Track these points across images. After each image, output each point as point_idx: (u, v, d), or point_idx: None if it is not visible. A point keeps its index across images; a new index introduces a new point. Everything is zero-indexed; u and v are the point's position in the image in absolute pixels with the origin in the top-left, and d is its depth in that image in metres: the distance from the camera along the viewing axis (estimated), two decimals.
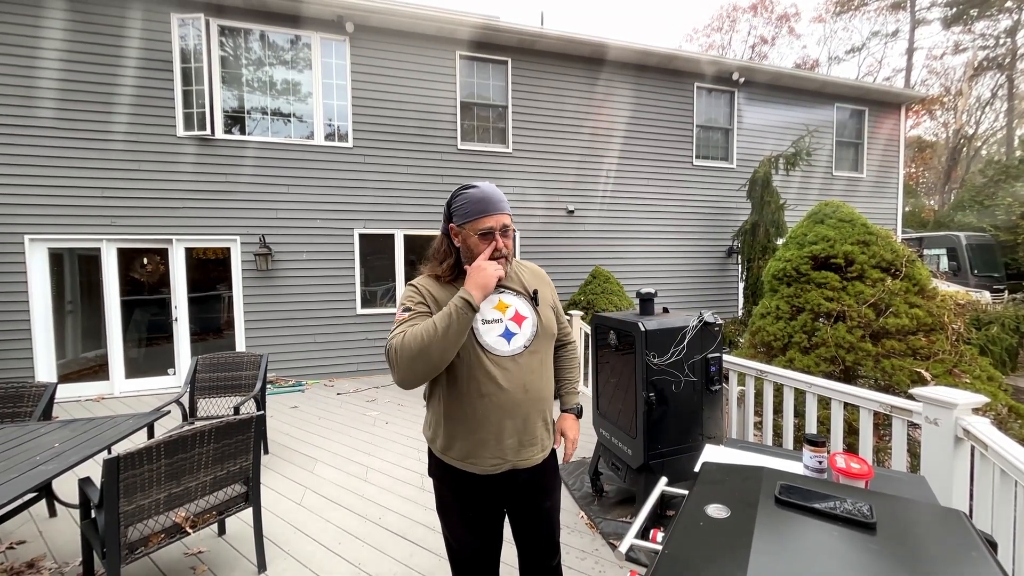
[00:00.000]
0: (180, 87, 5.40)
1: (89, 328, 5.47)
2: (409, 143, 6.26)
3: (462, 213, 1.22)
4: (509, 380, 1.20)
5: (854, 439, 2.27)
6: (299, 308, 5.89)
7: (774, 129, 8.24)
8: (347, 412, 4.57)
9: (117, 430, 2.20)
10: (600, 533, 2.39)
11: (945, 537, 0.78)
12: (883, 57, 25.67)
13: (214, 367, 3.45)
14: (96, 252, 5.30)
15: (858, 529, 0.79)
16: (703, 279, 7.96)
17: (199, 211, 5.53)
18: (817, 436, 1.11)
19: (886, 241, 3.06)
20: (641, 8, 41.16)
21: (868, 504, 0.84)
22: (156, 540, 1.77)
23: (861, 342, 2.74)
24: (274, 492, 2.88)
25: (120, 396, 5.28)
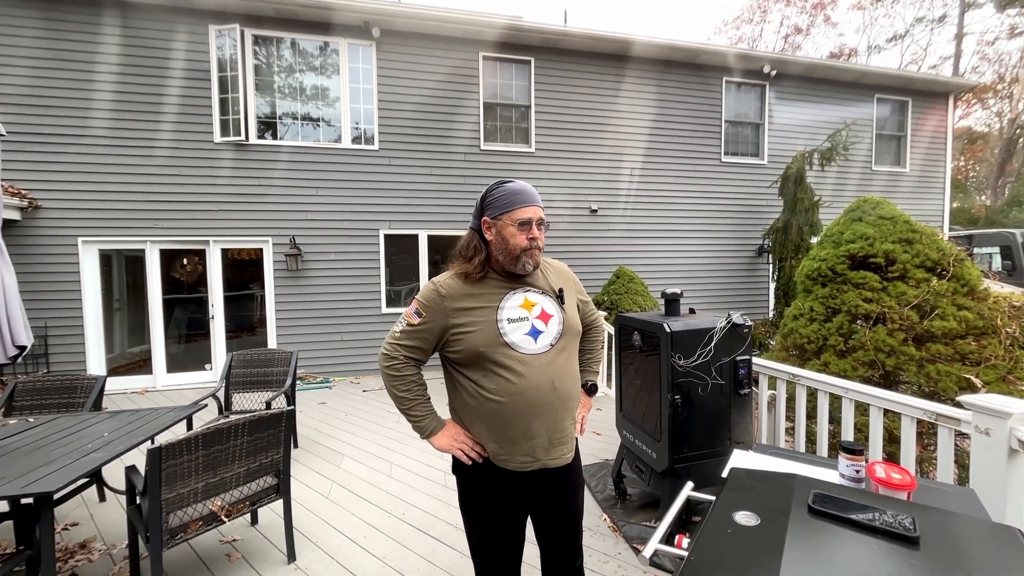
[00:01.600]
0: (217, 95, 5.65)
1: (134, 325, 5.82)
2: (433, 144, 6.34)
3: (499, 205, 1.24)
4: (537, 378, 1.20)
5: (895, 448, 2.15)
6: (327, 307, 6.07)
7: (808, 123, 7.91)
8: (372, 409, 4.67)
9: (159, 421, 2.32)
10: (623, 537, 2.36)
11: (997, 555, 0.73)
12: (928, 44, 24.17)
13: (247, 363, 3.60)
14: (141, 253, 5.63)
15: (899, 543, 0.75)
16: (732, 279, 7.72)
17: (234, 213, 5.78)
18: (854, 444, 1.06)
19: (931, 239, 2.88)
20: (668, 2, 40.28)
21: (911, 517, 0.80)
22: (194, 527, 1.86)
23: (903, 346, 2.59)
24: (303, 485, 2.98)
25: (162, 389, 5.58)
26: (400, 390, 1.27)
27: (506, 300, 1.24)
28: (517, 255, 1.23)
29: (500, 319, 1.21)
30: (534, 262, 1.27)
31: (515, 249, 1.23)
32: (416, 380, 1.29)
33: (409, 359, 1.27)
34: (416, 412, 1.27)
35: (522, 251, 1.23)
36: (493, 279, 1.28)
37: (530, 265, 1.26)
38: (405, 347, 1.26)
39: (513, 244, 1.22)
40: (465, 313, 1.22)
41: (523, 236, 1.22)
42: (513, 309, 1.24)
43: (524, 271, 1.26)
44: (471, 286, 1.26)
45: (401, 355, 1.26)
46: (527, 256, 1.24)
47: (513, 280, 1.28)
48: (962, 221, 14.73)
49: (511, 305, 1.24)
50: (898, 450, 1.91)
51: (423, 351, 1.27)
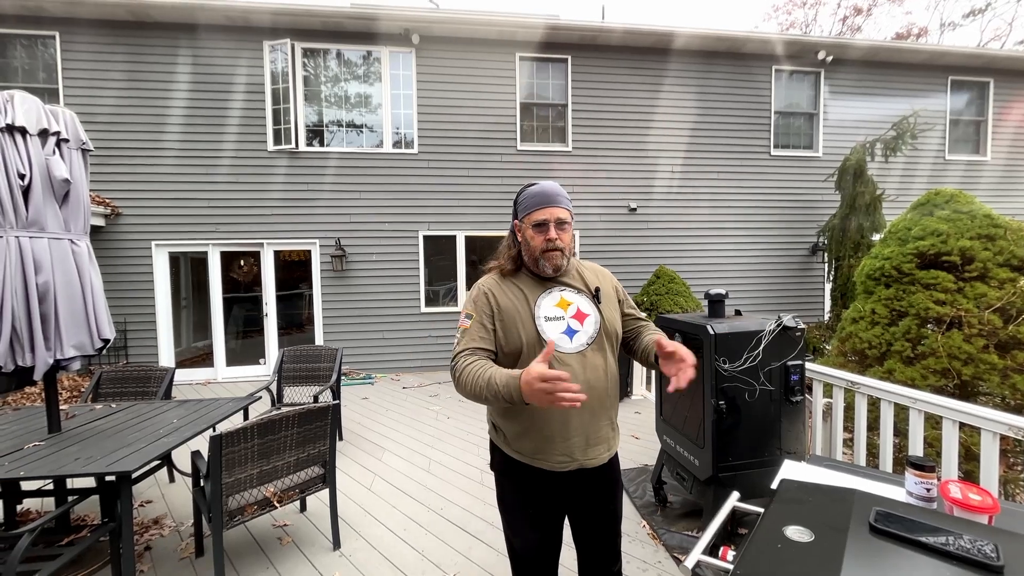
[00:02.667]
0: (270, 106, 6.03)
1: (198, 321, 6.33)
2: (470, 147, 6.44)
3: (522, 208, 1.28)
4: (574, 377, 1.17)
5: (973, 466, 1.95)
6: (369, 306, 6.32)
7: (869, 112, 7.32)
8: (412, 405, 4.81)
9: (220, 411, 2.51)
10: (663, 545, 2.29)
11: None
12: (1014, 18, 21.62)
13: (297, 358, 3.81)
14: (204, 255, 6.10)
15: (978, 571, 0.68)
16: (783, 279, 7.28)
17: (286, 217, 6.14)
18: (924, 459, 0.97)
19: (1018, 235, 2.58)
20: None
21: (992, 543, 0.72)
22: (250, 511, 1.99)
23: (983, 353, 2.34)
24: (347, 476, 3.11)
25: (222, 381, 6.02)
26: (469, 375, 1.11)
27: (542, 299, 1.25)
28: (536, 257, 1.25)
29: (537, 316, 1.22)
30: (553, 265, 1.24)
31: (534, 251, 1.24)
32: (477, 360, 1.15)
33: (472, 354, 1.18)
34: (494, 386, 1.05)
35: (541, 252, 1.23)
36: (527, 276, 1.30)
37: (548, 268, 1.25)
38: (467, 350, 1.19)
39: (532, 246, 1.24)
40: (505, 308, 1.24)
41: (540, 238, 1.23)
42: (549, 308, 1.24)
43: (544, 273, 1.26)
44: (507, 283, 1.29)
45: (461, 356, 1.18)
46: (544, 258, 1.24)
47: (547, 279, 1.28)
48: None
49: (547, 304, 1.24)
50: (977, 468, 1.73)
51: (485, 350, 1.20)
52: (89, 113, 5.63)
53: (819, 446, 2.49)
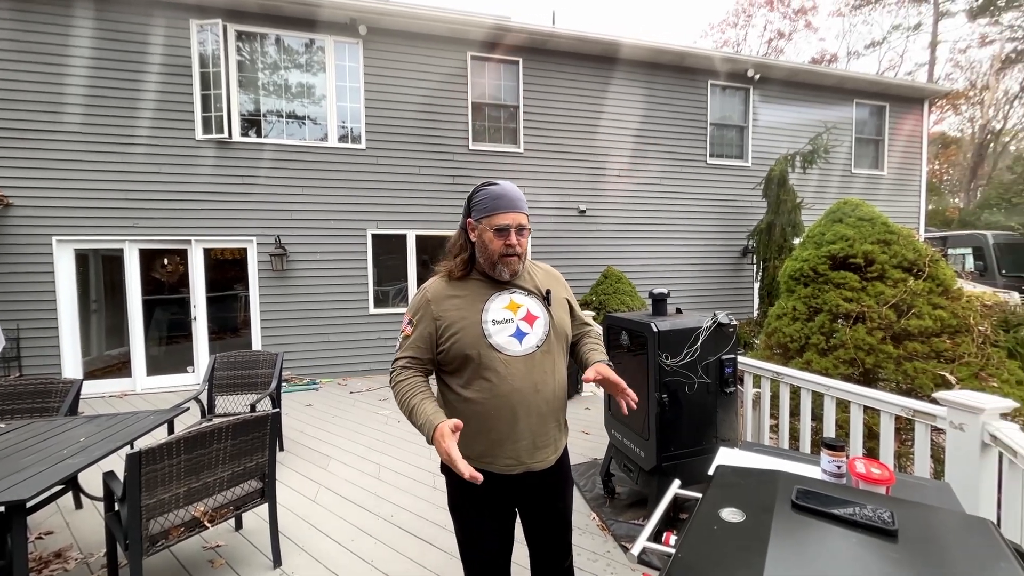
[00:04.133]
0: (199, 91, 5.53)
1: (113, 326, 5.66)
2: (421, 144, 6.30)
3: (481, 208, 1.24)
4: (521, 380, 1.20)
5: (874, 444, 2.21)
6: (313, 307, 5.99)
7: (790, 126, 8.08)
8: (360, 411, 4.62)
9: (139, 426, 2.26)
10: (612, 535, 2.38)
11: (971, 546, 0.76)
12: (905, 51, 24.93)
13: (231, 365, 3.53)
14: (119, 253, 5.47)
15: (879, 536, 0.77)
16: (717, 279, 7.84)
17: (217, 212, 5.66)
18: (836, 440, 1.09)
19: (908, 240, 2.97)
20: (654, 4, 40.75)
21: (889, 511, 0.82)
22: (176, 533, 1.82)
23: (882, 344, 2.67)
24: (289, 489, 2.93)
25: (142, 392, 5.43)
26: (400, 396, 1.20)
27: (491, 302, 1.24)
28: (494, 261, 1.23)
29: (485, 320, 1.21)
30: (511, 271, 1.25)
31: (492, 255, 1.23)
32: (410, 380, 1.21)
33: (407, 368, 1.24)
34: (414, 416, 1.15)
35: (499, 257, 1.22)
36: (477, 280, 1.28)
37: (506, 273, 1.25)
38: (405, 360, 1.25)
39: (491, 249, 1.22)
40: (450, 314, 1.22)
41: (500, 242, 1.21)
42: (498, 311, 1.24)
43: (500, 278, 1.26)
44: (455, 287, 1.27)
45: (399, 365, 1.25)
46: (503, 263, 1.23)
47: (498, 281, 1.28)
48: (937, 223, 15.22)
49: (496, 307, 1.24)
50: (877, 446, 1.97)
51: (421, 361, 1.24)
52: None
53: (749, 433, 2.71)
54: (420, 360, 1.25)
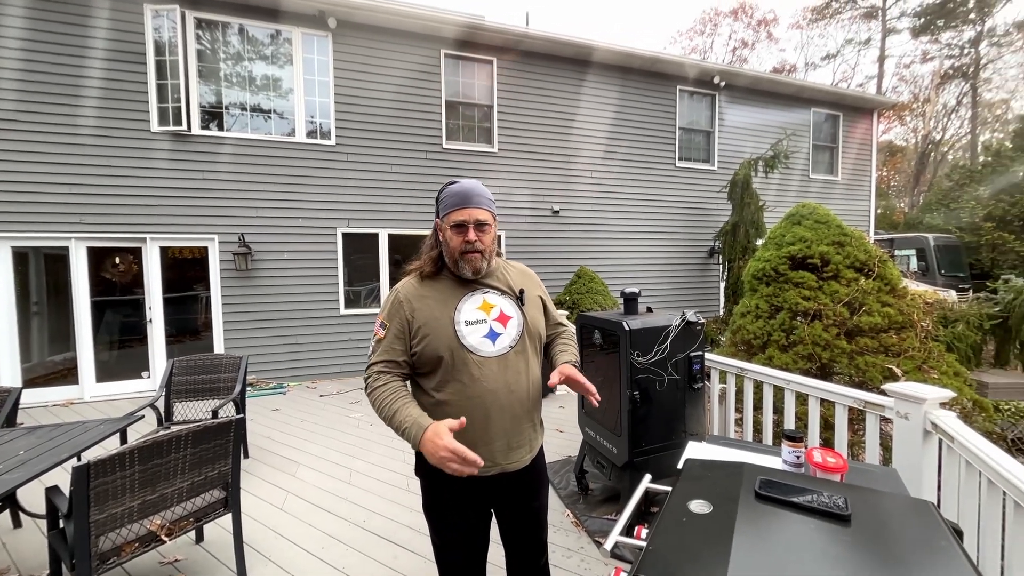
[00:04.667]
0: (154, 80, 5.22)
1: (57, 330, 5.25)
2: (394, 142, 6.19)
3: (443, 206, 1.24)
4: (495, 381, 1.20)
5: (830, 434, 2.34)
6: (280, 308, 5.77)
7: (754, 132, 8.44)
8: (330, 414, 4.49)
9: (87, 436, 2.12)
10: (586, 531, 2.41)
11: (915, 527, 0.82)
12: (856, 64, 26.56)
13: (191, 370, 3.35)
14: (64, 251, 5.09)
15: (834, 521, 0.82)
16: (686, 279, 8.09)
17: (175, 209, 5.36)
18: (795, 431, 1.14)
19: (859, 242, 3.17)
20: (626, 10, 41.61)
21: (843, 497, 0.87)
22: (129, 549, 1.71)
23: (836, 340, 2.83)
24: (255, 497, 2.81)
25: (91, 401, 5.08)
26: (379, 401, 1.17)
27: (463, 302, 1.23)
28: (455, 258, 1.23)
29: (457, 321, 1.20)
30: (472, 268, 1.23)
31: (454, 252, 1.22)
32: (389, 385, 1.19)
33: (384, 373, 1.21)
34: (397, 420, 1.12)
35: (460, 255, 1.21)
36: (449, 279, 1.28)
37: (468, 271, 1.23)
38: (379, 364, 1.22)
39: (452, 247, 1.22)
40: (422, 314, 1.21)
41: (460, 239, 1.21)
42: (471, 311, 1.23)
43: (464, 275, 1.25)
44: (427, 287, 1.25)
45: (374, 371, 1.22)
46: (464, 260, 1.22)
47: (470, 281, 1.27)
48: (885, 225, 16.28)
49: (468, 307, 1.23)
50: (833, 436, 2.08)
51: (397, 363, 1.22)
52: None
53: (716, 427, 2.81)
54: (396, 363, 1.22)
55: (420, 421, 1.10)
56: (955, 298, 7.40)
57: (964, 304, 5.92)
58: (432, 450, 1.04)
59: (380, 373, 1.21)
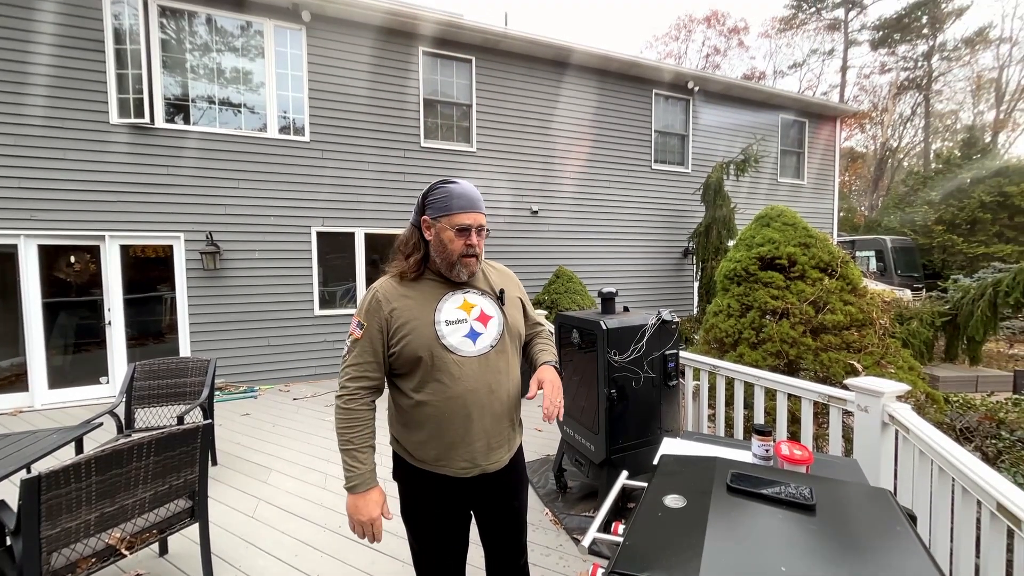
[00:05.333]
0: (114, 70, 4.95)
1: (4, 333, 4.91)
2: (370, 139, 6.08)
3: (440, 207, 1.20)
4: (475, 381, 1.19)
5: (797, 427, 2.44)
6: (251, 309, 5.58)
7: (726, 135, 8.70)
8: (304, 418, 4.37)
9: (38, 446, 1.99)
10: (564, 529, 2.43)
11: (874, 514, 0.86)
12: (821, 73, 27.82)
13: (154, 374, 3.20)
14: (12, 249, 4.77)
15: (800, 511, 0.85)
16: (661, 279, 8.27)
17: (136, 205, 5.10)
18: (764, 426, 1.18)
19: (824, 243, 3.31)
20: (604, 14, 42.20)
21: (809, 487, 0.91)
22: (85, 565, 1.61)
23: (803, 337, 2.95)
24: (223, 505, 2.71)
25: (42, 409, 4.78)
26: (343, 424, 1.18)
27: (443, 302, 1.22)
28: (453, 261, 1.21)
29: (438, 321, 1.19)
30: (469, 271, 1.23)
31: (452, 255, 1.20)
32: (364, 419, 1.19)
33: (360, 389, 1.19)
34: (352, 457, 1.17)
35: (459, 257, 1.20)
36: (430, 280, 1.26)
37: (464, 274, 1.23)
38: (354, 367, 1.19)
39: (450, 249, 1.20)
40: (402, 315, 1.18)
41: (461, 242, 1.19)
42: (451, 311, 1.22)
43: (458, 278, 1.24)
44: (407, 287, 1.23)
45: (351, 386, 1.19)
46: (462, 264, 1.21)
47: (452, 281, 1.26)
48: (847, 228, 17.11)
49: (449, 307, 1.22)
50: (800, 429, 2.17)
51: (373, 365, 1.20)
52: None
53: (690, 423, 2.88)
54: (374, 365, 1.20)
55: (369, 478, 1.18)
56: (910, 297, 7.85)
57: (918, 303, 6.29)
58: (361, 507, 1.16)
59: (357, 390, 1.19)
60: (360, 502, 1.16)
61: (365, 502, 1.16)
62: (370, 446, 1.20)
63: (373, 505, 1.17)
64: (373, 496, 1.17)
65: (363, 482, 1.17)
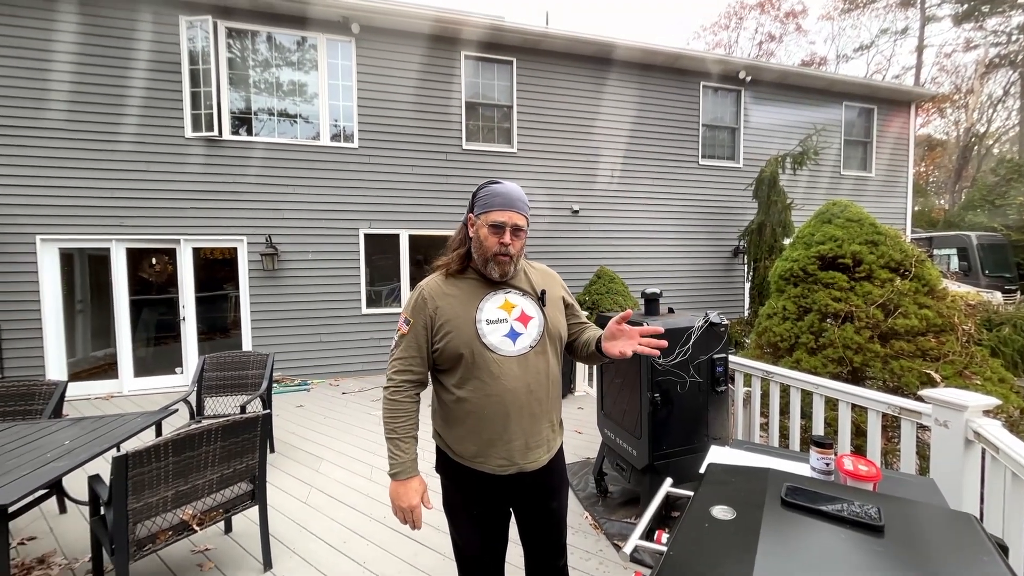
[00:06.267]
0: (188, 88, 5.45)
1: (99, 327, 5.55)
2: (414, 143, 6.28)
3: (482, 204, 1.23)
4: (514, 381, 1.20)
5: (862, 441, 2.25)
6: (304, 307, 5.94)
7: (781, 128, 8.17)
8: (352, 411, 4.59)
9: (126, 428, 2.23)
10: (604, 534, 2.39)
11: (955, 541, 0.77)
12: (892, 55, 25.40)
13: (221, 366, 3.48)
14: (106, 252, 5.37)
15: (866, 532, 0.78)
16: (709, 279, 7.91)
17: (207, 211, 5.59)
18: (824, 438, 1.10)
19: (895, 241, 3.02)
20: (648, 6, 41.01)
21: (876, 507, 0.83)
22: (164, 537, 1.79)
23: (869, 343, 2.71)
24: (280, 490, 2.90)
25: (129, 394, 5.34)
26: (388, 414, 1.24)
27: (485, 301, 1.24)
28: (487, 259, 1.23)
29: (479, 320, 1.21)
30: (500, 271, 1.23)
31: (486, 252, 1.22)
32: (408, 410, 1.24)
33: (405, 382, 1.24)
34: (396, 446, 1.22)
35: (492, 256, 1.21)
36: (473, 278, 1.28)
37: (496, 273, 1.23)
38: (400, 361, 1.24)
39: (485, 246, 1.22)
40: (445, 312, 1.22)
41: (495, 239, 1.20)
42: (492, 311, 1.23)
43: (491, 276, 1.25)
44: (451, 284, 1.26)
45: (397, 379, 1.24)
46: (494, 262, 1.22)
47: (493, 281, 1.27)
48: (923, 224, 15.50)
49: (490, 307, 1.23)
50: (865, 443, 2.00)
51: (418, 360, 1.24)
52: None
53: (740, 431, 2.73)
54: (418, 360, 1.24)
55: (410, 467, 1.23)
56: (1000, 300, 6.99)
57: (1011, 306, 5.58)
58: (402, 494, 1.21)
59: (402, 383, 1.24)
60: (401, 489, 1.21)
61: (406, 489, 1.21)
62: (412, 436, 1.25)
63: (413, 493, 1.21)
64: (413, 484, 1.22)
65: (404, 470, 1.21)
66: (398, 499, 1.21)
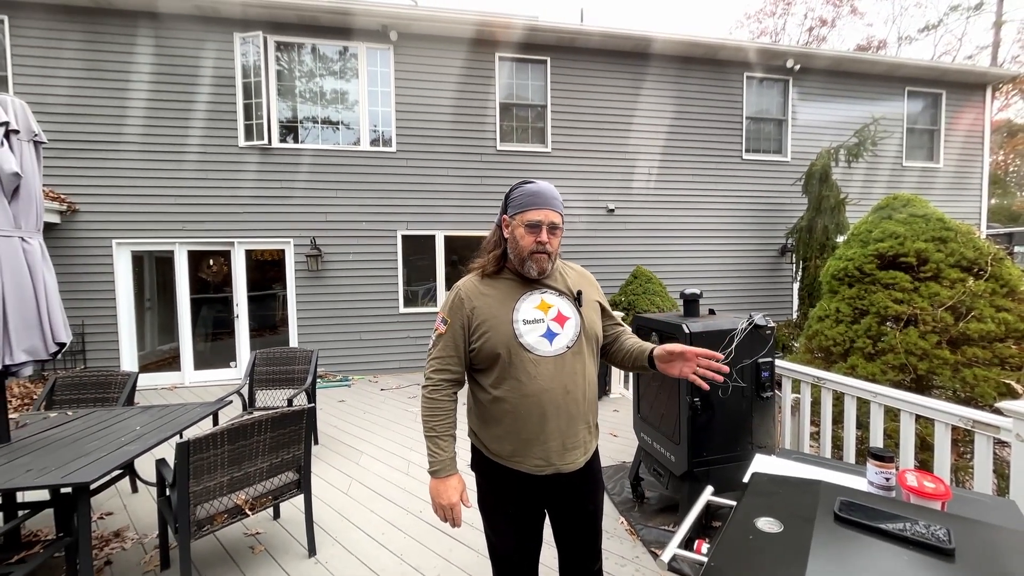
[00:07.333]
0: (241, 101, 5.83)
1: (164, 323, 6.06)
2: (450, 146, 6.39)
3: (515, 204, 1.25)
4: (551, 381, 1.19)
5: (928, 455, 2.07)
6: (346, 306, 6.19)
7: (834, 119, 7.65)
8: (390, 407, 4.74)
9: (187, 416, 2.41)
10: (640, 540, 2.33)
11: None
12: (964, 33, 23.14)
13: (270, 361, 3.70)
14: (170, 254, 5.85)
15: (932, 555, 0.72)
16: (753, 279, 7.53)
17: (258, 215, 5.95)
18: (884, 450, 1.02)
19: (967, 237, 2.75)
20: None
21: (945, 528, 0.76)
22: (220, 519, 1.92)
23: (937, 349, 2.48)
24: (323, 481, 3.04)
25: (190, 385, 5.78)
26: (427, 413, 1.25)
27: (522, 301, 1.24)
28: (524, 257, 1.23)
29: (515, 320, 1.21)
30: (539, 268, 1.23)
31: (522, 251, 1.22)
32: (446, 409, 1.25)
33: (443, 381, 1.26)
34: (435, 444, 1.23)
35: (529, 254, 1.22)
36: (509, 278, 1.29)
37: (534, 271, 1.24)
38: (438, 360, 1.26)
39: (522, 245, 1.22)
40: (482, 312, 1.23)
41: (531, 238, 1.21)
42: (529, 311, 1.23)
43: (528, 275, 1.25)
44: (488, 285, 1.27)
45: (435, 378, 1.26)
46: (532, 260, 1.22)
47: (529, 280, 1.27)
48: (1002, 218, 14.01)
49: (527, 307, 1.24)
50: (931, 458, 1.84)
51: (455, 359, 1.26)
52: (42, 103, 5.31)
53: (788, 440, 2.58)
54: (455, 359, 1.26)
55: (450, 465, 1.23)
56: None
57: None
58: (442, 492, 1.21)
59: (440, 382, 1.25)
60: (441, 487, 1.22)
61: (445, 487, 1.22)
62: (451, 435, 1.26)
63: (452, 491, 1.22)
64: (452, 483, 1.23)
65: (443, 468, 1.22)
66: (438, 496, 1.22)
